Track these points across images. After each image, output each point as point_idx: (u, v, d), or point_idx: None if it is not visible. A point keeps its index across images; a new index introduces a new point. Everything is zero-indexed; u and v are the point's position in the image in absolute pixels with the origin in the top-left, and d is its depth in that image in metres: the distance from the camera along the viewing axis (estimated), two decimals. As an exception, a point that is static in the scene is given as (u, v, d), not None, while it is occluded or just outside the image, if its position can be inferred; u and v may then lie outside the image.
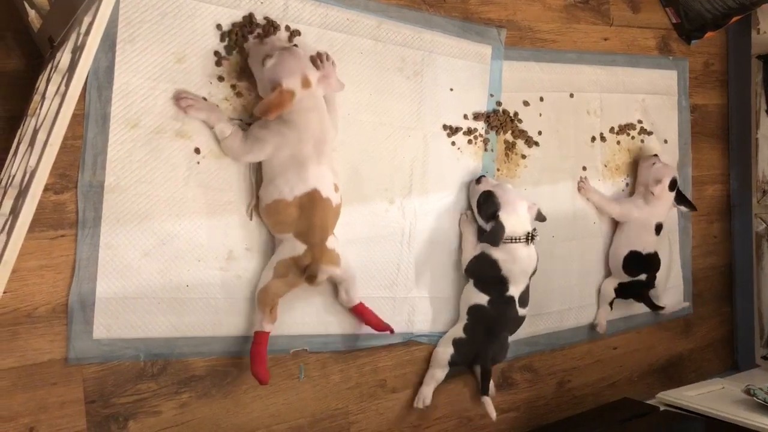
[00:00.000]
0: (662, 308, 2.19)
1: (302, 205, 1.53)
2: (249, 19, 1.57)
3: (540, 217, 1.87)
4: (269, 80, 1.48)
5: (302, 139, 1.51)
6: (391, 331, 1.68)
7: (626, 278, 2.13)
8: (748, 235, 2.48)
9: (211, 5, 1.54)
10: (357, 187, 1.72)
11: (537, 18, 2.04)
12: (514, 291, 1.84)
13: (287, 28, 1.62)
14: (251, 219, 1.60)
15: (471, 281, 1.87)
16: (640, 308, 2.25)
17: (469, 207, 1.89)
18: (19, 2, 1.34)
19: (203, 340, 1.57)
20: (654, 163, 2.15)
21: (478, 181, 1.86)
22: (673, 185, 2.13)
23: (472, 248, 1.87)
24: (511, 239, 1.80)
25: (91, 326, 1.45)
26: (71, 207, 1.42)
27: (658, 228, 2.15)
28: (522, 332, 1.97)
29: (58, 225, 1.41)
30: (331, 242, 1.58)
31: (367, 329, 1.71)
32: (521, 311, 1.87)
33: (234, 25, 1.56)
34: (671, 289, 2.34)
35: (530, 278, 1.87)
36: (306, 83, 1.50)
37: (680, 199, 2.20)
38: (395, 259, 1.79)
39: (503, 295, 1.83)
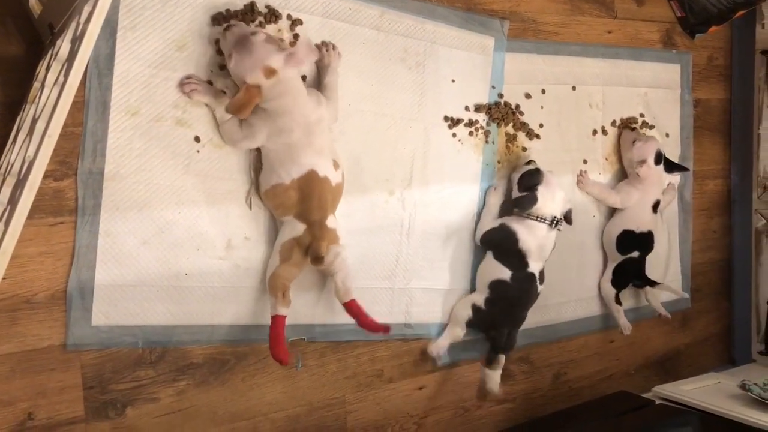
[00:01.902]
0: (659, 283, 2.16)
1: (301, 187, 1.53)
2: (250, 8, 1.56)
3: (568, 219, 1.91)
4: (235, 78, 1.48)
5: (288, 126, 1.51)
6: (386, 331, 1.62)
7: (618, 258, 2.12)
8: (748, 231, 2.48)
9: (213, -7, 1.53)
10: (357, 178, 1.72)
11: (541, 10, 2.03)
12: (535, 267, 1.87)
13: (289, 17, 1.61)
14: (251, 208, 1.60)
15: (490, 253, 1.88)
16: (638, 302, 2.25)
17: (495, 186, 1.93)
18: (20, -12, 1.34)
19: (201, 328, 1.57)
20: (634, 141, 2.11)
21: (528, 163, 1.92)
22: (658, 159, 2.10)
23: (491, 220, 1.90)
24: (537, 217, 1.85)
25: (90, 313, 1.46)
26: (71, 194, 1.42)
27: (655, 206, 2.14)
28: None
29: (58, 212, 1.42)
30: (331, 222, 1.58)
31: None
32: (540, 287, 1.91)
33: (236, 13, 1.55)
34: (669, 284, 2.33)
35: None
36: (269, 73, 1.46)
37: (670, 166, 2.16)
38: (394, 251, 1.80)
39: (525, 271, 1.86)
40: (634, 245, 2.12)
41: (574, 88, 2.10)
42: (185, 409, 1.57)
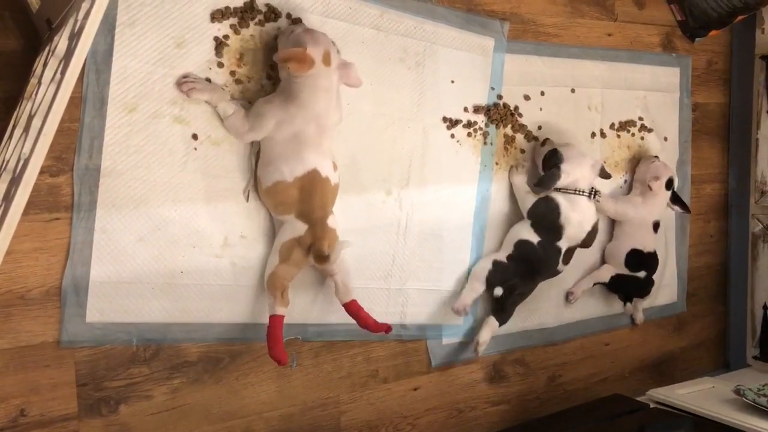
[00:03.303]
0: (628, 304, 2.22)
1: (302, 186, 1.53)
2: (250, 5, 1.56)
3: (604, 174, 1.95)
4: (295, 41, 1.50)
5: (306, 118, 1.51)
6: (388, 330, 1.65)
7: (625, 271, 2.14)
8: (745, 236, 2.48)
9: (213, -10, 1.52)
10: (355, 177, 1.72)
11: (541, 11, 2.02)
12: (564, 243, 1.90)
13: (288, 15, 1.61)
14: (247, 201, 1.60)
15: (528, 222, 1.92)
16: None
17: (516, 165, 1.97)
18: (18, -18, 1.33)
19: (196, 326, 1.57)
20: (653, 162, 2.16)
21: (543, 143, 1.96)
22: (669, 184, 2.14)
23: (527, 194, 1.94)
24: (575, 190, 1.89)
25: (85, 310, 1.45)
26: (67, 190, 1.42)
27: (656, 226, 2.16)
28: (515, 326, 1.98)
29: (53, 208, 1.41)
30: (331, 221, 1.58)
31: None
32: (561, 266, 1.93)
33: (235, 10, 1.54)
34: (665, 287, 2.34)
35: (585, 245, 1.95)
36: (327, 59, 1.50)
37: (675, 199, 2.20)
38: (391, 251, 1.79)
39: (553, 243, 1.89)
40: (642, 265, 2.14)
41: (573, 90, 2.09)
42: (179, 407, 1.57)
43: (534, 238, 1.89)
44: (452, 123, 1.87)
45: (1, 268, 1.34)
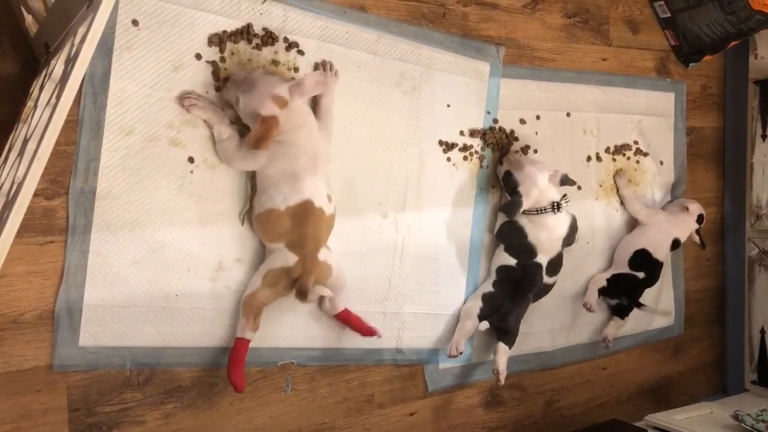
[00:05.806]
0: (644, 305, 2.17)
1: (295, 215, 1.52)
2: (246, 29, 1.57)
3: (566, 182, 1.92)
4: (249, 116, 1.49)
5: (296, 155, 1.52)
6: (378, 335, 1.68)
7: (625, 270, 2.14)
8: (741, 259, 2.48)
9: (210, 14, 1.53)
10: (351, 201, 1.72)
11: (536, 36, 2.04)
12: (543, 258, 1.90)
13: (285, 39, 1.62)
14: (243, 224, 1.59)
15: (501, 246, 1.93)
16: (631, 329, 2.24)
17: None
18: (16, 6, 1.34)
19: (190, 350, 1.56)
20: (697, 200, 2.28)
21: (501, 161, 1.93)
22: (700, 218, 2.24)
23: (499, 217, 1.95)
24: (537, 210, 1.87)
25: (78, 333, 1.44)
26: (62, 213, 1.41)
27: (675, 243, 2.19)
28: (512, 350, 1.96)
29: (48, 231, 1.40)
30: (323, 254, 1.57)
31: (356, 343, 1.70)
32: (548, 279, 1.93)
33: (232, 34, 1.55)
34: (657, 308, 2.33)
35: (568, 243, 1.94)
36: (281, 103, 1.49)
37: (698, 233, 2.26)
38: (387, 274, 1.79)
39: (531, 261, 1.90)
40: (644, 266, 2.14)
41: (568, 114, 2.10)
42: (172, 432, 1.55)
43: (511, 261, 1.90)
44: (448, 146, 1.87)
45: (-7, 292, 1.34)
